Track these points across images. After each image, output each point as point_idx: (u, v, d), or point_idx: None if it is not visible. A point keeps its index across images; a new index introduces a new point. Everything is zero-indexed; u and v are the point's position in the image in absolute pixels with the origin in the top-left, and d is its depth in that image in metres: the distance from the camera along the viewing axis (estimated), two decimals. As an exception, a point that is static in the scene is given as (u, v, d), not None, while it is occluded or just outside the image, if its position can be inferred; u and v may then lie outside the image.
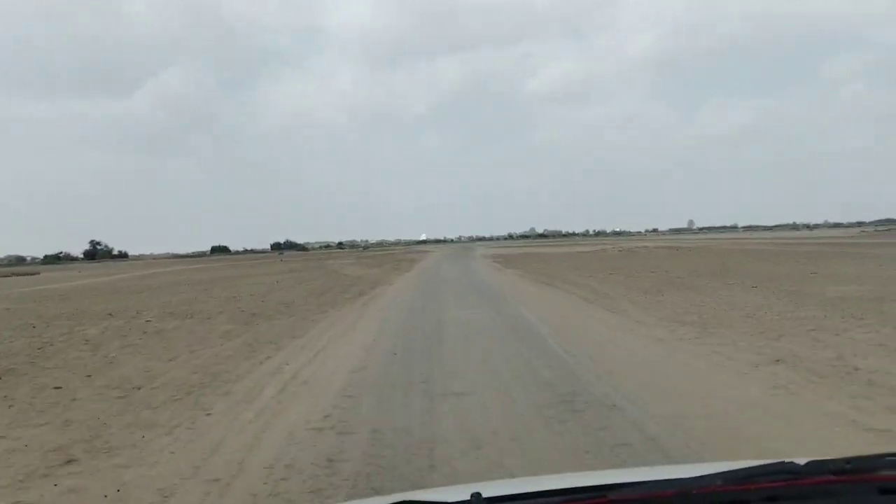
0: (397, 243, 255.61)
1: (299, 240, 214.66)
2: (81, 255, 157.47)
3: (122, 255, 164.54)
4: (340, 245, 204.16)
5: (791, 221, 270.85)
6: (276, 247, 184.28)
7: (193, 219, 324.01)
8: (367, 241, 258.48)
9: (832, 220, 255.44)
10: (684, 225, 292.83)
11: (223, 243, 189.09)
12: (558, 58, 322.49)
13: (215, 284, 29.45)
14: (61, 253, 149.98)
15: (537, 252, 58.90)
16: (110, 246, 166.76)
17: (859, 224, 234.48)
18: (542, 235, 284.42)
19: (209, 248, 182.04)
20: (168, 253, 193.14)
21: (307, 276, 33.97)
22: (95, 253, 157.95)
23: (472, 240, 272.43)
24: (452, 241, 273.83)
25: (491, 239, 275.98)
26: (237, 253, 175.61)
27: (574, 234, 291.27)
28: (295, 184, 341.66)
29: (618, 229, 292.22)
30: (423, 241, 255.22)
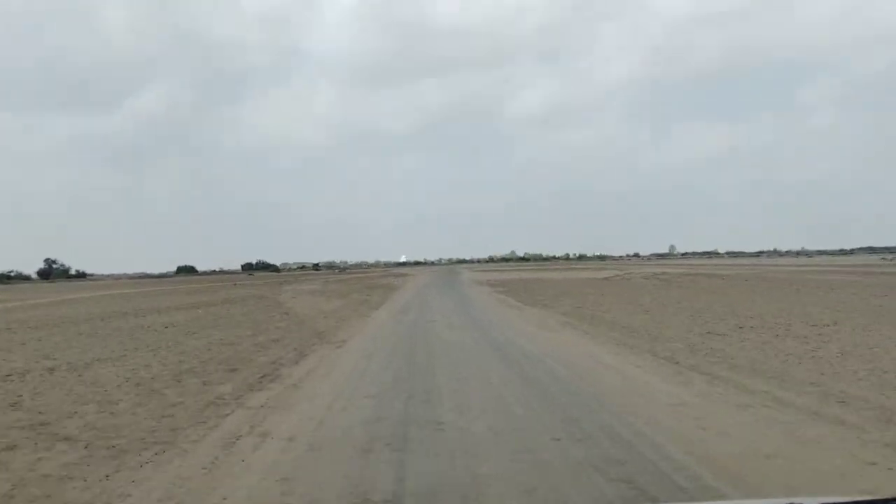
0: (377, 265, 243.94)
1: (278, 260, 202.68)
2: (35, 275, 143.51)
3: (81, 275, 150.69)
4: (316, 266, 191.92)
5: (772, 248, 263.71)
6: (248, 267, 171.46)
7: (171, 238, 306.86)
8: (346, 262, 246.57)
9: (808, 246, 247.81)
10: (665, 250, 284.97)
11: (201, 262, 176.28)
12: (537, 82, 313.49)
13: (74, 327, 18.07)
14: (12, 272, 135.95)
15: (541, 277, 48.01)
16: (67, 265, 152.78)
17: (843, 251, 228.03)
18: (523, 259, 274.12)
19: (175, 269, 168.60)
20: (136, 273, 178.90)
21: (234, 312, 22.75)
22: (50, 272, 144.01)
23: (451, 262, 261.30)
24: (433, 263, 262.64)
25: (471, 261, 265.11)
26: (204, 273, 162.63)
27: (556, 258, 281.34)
28: (275, 204, 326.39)
29: (598, 253, 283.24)
30: (403, 263, 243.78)
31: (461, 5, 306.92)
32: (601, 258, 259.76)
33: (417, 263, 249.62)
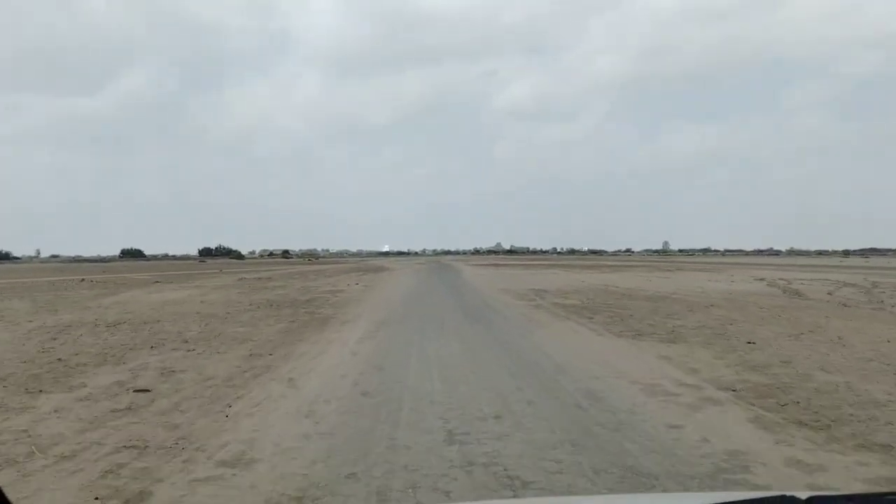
0: (359, 254, 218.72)
1: (260, 247, 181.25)
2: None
3: (4, 257, 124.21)
4: (286, 254, 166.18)
5: (769, 247, 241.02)
6: (205, 252, 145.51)
7: (147, 221, 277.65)
8: (327, 250, 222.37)
9: (797, 246, 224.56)
10: (659, 246, 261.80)
11: (174, 246, 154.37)
12: (524, 75, 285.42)
13: None
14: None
15: (637, 289, 23.14)
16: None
17: (846, 253, 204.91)
18: (509, 251, 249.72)
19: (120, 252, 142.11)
20: (76, 256, 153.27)
21: None
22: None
23: (436, 253, 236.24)
24: (416, 253, 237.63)
25: (456, 253, 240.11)
26: (152, 258, 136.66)
27: (544, 252, 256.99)
28: (256, 190, 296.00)
29: (588, 248, 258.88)
30: (385, 253, 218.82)
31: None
32: (596, 253, 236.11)
33: (400, 254, 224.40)
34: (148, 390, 6.59)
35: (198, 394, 6.41)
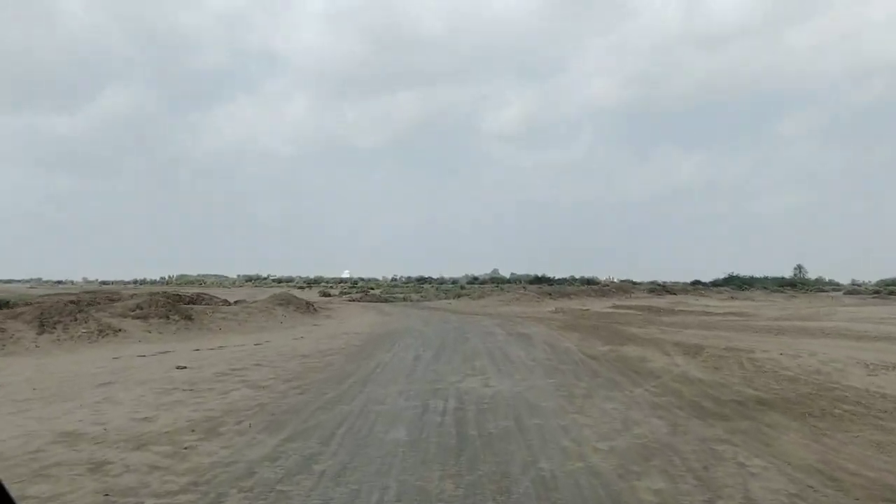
0: (317, 280, 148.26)
1: (234, 272, 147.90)
2: None
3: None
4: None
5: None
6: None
7: (113, 246, 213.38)
8: (258, 275, 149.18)
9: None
10: (667, 278, 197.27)
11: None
12: (517, 98, 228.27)
13: None
14: None
15: None
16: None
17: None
18: (508, 280, 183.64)
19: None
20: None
21: None
22: None
23: (421, 283, 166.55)
24: (393, 280, 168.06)
25: (447, 282, 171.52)
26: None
27: (553, 280, 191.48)
28: (230, 214, 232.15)
29: (613, 278, 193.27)
30: (342, 281, 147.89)
31: (439, 17, 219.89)
32: (661, 288, 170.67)
33: (398, 286, 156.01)
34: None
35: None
